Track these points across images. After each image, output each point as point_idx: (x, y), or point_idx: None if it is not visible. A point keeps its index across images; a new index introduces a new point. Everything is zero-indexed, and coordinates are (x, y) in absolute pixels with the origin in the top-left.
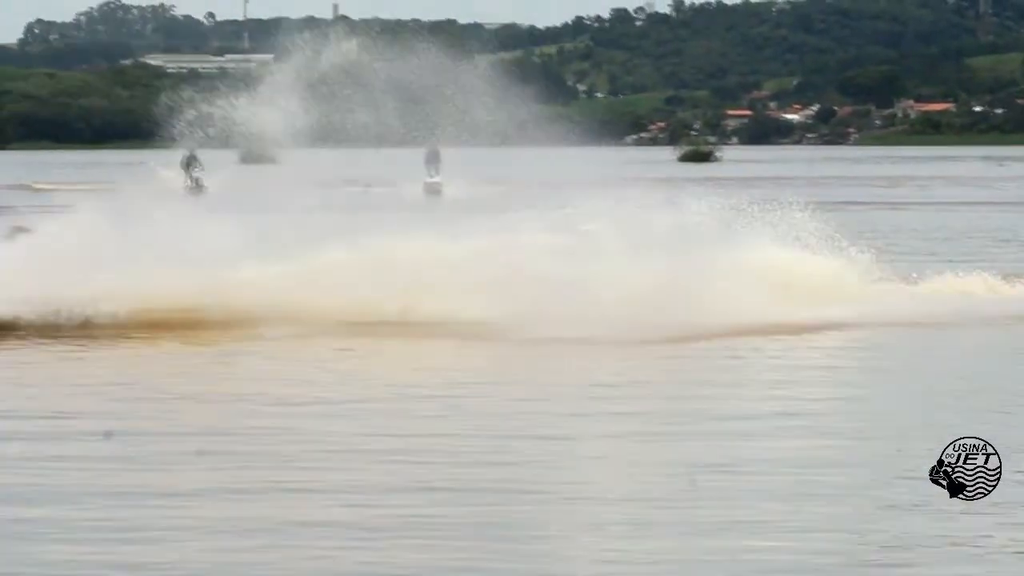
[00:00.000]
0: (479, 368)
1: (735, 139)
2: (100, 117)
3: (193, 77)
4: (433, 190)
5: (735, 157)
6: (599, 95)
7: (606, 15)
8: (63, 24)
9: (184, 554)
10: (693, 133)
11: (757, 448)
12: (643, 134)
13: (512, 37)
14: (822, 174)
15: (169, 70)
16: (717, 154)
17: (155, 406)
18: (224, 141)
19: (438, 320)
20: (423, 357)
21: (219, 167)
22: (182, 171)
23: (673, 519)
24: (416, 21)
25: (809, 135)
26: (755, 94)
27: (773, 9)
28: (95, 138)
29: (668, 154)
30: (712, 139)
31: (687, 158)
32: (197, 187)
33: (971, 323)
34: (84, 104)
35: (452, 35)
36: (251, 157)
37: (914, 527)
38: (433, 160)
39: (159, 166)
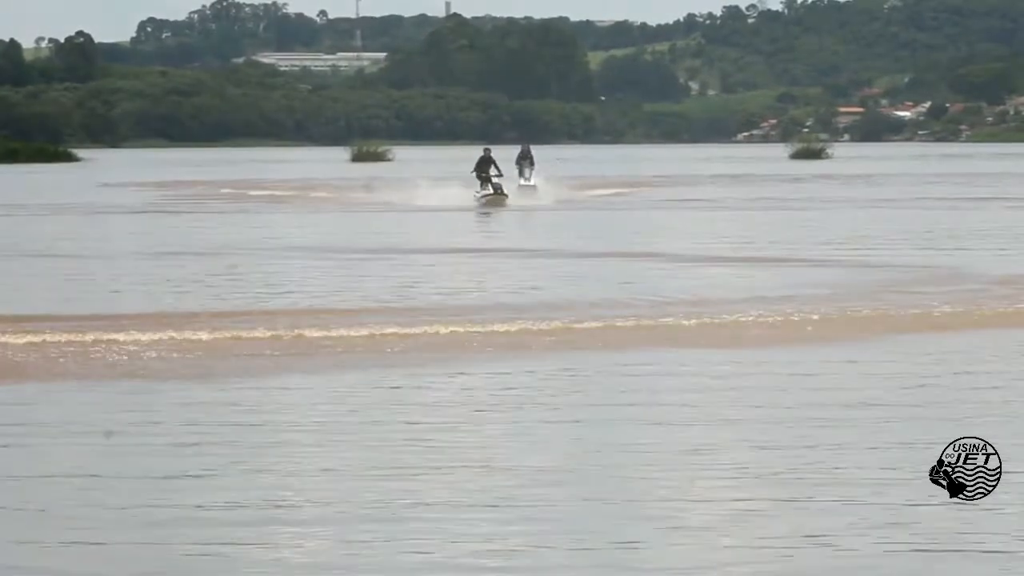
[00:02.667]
0: None
1: (847, 136)
2: (212, 115)
3: (306, 75)
4: (527, 192)
5: (846, 154)
6: (711, 92)
7: (718, 12)
8: (175, 23)
9: None
10: (805, 130)
11: None
12: (755, 131)
13: (624, 34)
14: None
15: (281, 68)
16: (829, 151)
17: None
18: (336, 139)
19: None
20: None
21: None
22: (476, 175)
23: None
24: (528, 19)
25: (921, 132)
26: (867, 91)
27: (885, 6)
28: (207, 136)
29: (780, 151)
30: (824, 136)
31: (799, 155)
32: (499, 195)
33: None
34: (196, 102)
35: (564, 32)
36: (363, 155)
37: None
38: (526, 161)
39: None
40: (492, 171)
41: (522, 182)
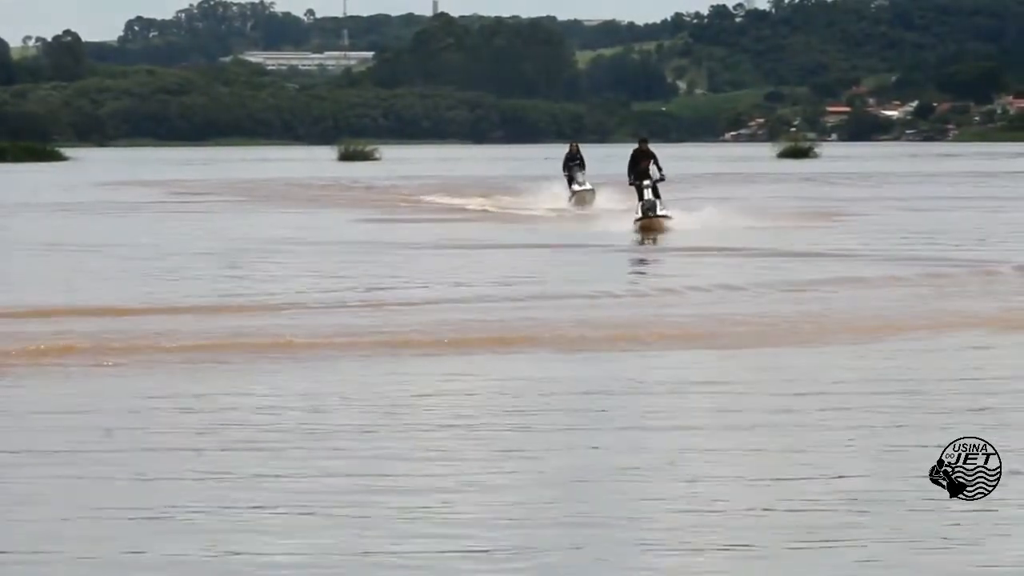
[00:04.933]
0: None
1: (834, 135)
2: (200, 114)
3: (293, 74)
4: (584, 199)
5: (834, 154)
6: (698, 91)
7: (705, 12)
8: (163, 22)
9: None
10: (792, 130)
11: None
12: (742, 131)
13: (611, 34)
14: None
15: (269, 67)
16: (816, 150)
17: None
18: (323, 138)
19: None
20: None
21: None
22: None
23: None
24: (516, 18)
25: (908, 131)
26: (854, 90)
27: (872, 5)
28: (195, 135)
29: (767, 151)
30: (811, 135)
31: (786, 154)
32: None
33: None
34: (184, 101)
35: (551, 32)
36: (350, 155)
37: None
38: (575, 163)
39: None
40: (652, 173)
41: (576, 187)
